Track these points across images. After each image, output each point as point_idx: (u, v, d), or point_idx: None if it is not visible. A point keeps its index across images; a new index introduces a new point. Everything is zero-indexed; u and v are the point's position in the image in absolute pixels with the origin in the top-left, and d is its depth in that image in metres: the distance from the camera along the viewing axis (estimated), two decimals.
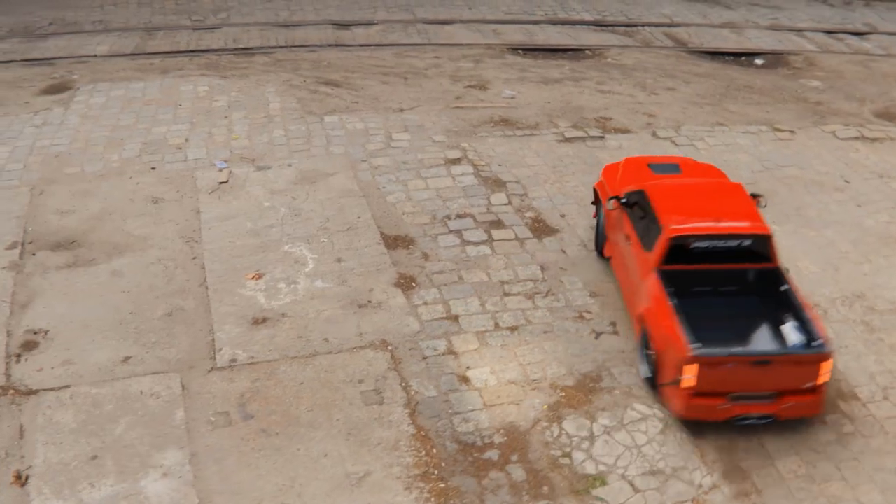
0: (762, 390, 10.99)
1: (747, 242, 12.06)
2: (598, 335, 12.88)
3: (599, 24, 23.38)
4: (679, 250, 12.04)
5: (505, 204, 15.68)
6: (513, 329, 12.95)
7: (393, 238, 14.81)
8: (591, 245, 14.53)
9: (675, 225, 12.08)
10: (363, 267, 14.17)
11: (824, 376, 10.92)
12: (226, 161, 17.02)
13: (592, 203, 14.69)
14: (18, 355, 12.58)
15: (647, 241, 12.38)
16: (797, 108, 18.93)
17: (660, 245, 12.05)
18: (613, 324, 13.02)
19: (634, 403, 11.74)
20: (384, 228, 15.03)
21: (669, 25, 23.28)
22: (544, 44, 21.85)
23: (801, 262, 14.31)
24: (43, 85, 20.09)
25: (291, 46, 21.88)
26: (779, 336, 11.39)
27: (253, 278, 14.05)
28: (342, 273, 14.04)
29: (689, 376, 10.81)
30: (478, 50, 21.64)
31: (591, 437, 11.28)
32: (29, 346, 12.78)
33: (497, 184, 16.18)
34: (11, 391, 11.93)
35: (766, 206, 13.35)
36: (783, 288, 11.77)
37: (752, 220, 12.18)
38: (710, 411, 11.06)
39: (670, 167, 14.33)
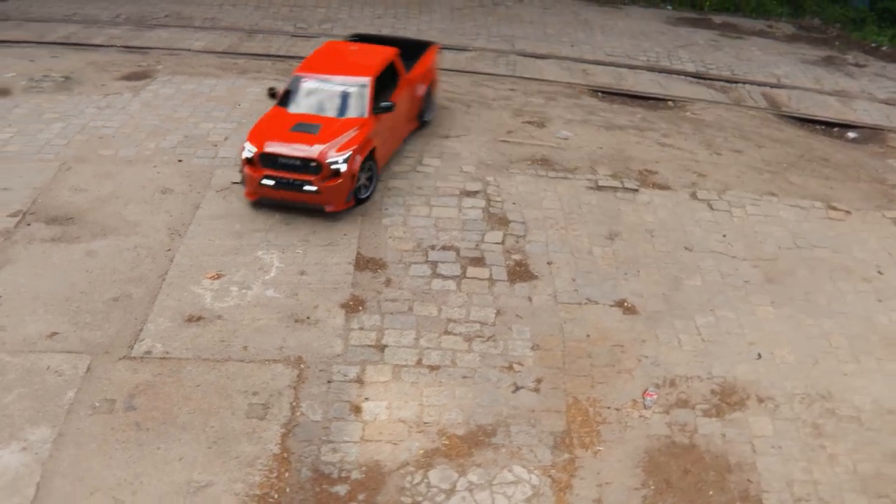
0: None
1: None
2: (516, 389, 12.15)
3: (698, 77, 22.24)
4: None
5: (497, 243, 15.08)
6: (433, 368, 12.40)
7: (367, 260, 14.50)
8: (563, 297, 13.79)
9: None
10: (321, 283, 13.93)
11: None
12: None
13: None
14: None
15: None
16: (867, 189, 17.33)
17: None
18: (539, 380, 12.27)
19: (515, 466, 10.98)
20: (363, 249, 14.74)
21: (773, 86, 21.87)
22: (628, 89, 20.97)
23: (779, 349, 13.06)
24: (127, 71, 20.91)
25: None
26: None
27: (212, 277, 14.05)
28: (298, 286, 13.85)
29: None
30: (557, 87, 21.00)
31: (451, 491, 10.61)
32: None
33: (501, 222, 15.58)
34: None
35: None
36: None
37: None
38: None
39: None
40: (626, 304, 13.77)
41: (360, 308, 13.47)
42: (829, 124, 19.94)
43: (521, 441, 11.33)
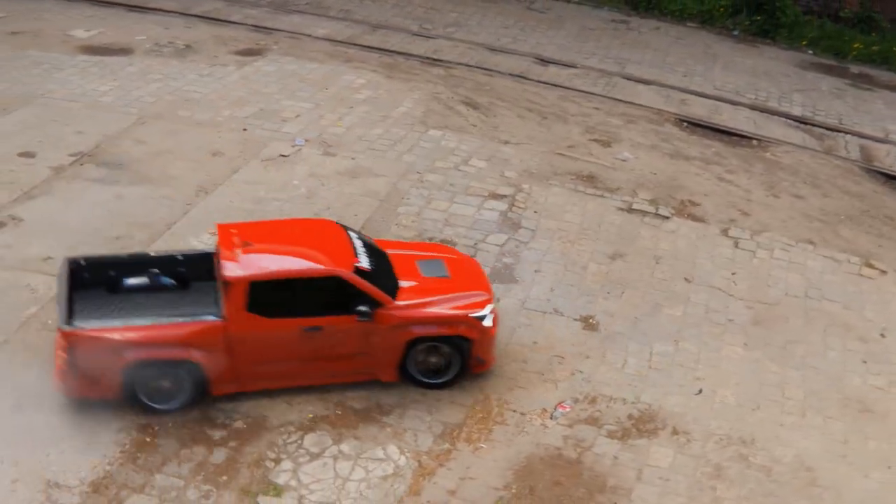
0: None
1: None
2: None
3: (800, 121, 21.35)
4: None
5: (498, 245, 15.24)
6: None
7: None
8: (532, 303, 13.83)
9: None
10: None
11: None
12: (306, 141, 17.97)
13: None
14: None
15: None
16: None
17: None
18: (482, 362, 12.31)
19: (390, 445, 11.20)
20: (366, 230, 15.22)
21: (876, 140, 20.71)
22: (716, 123, 20.45)
23: (725, 389, 12.62)
24: (242, 47, 22.30)
25: (473, 66, 22.33)
26: None
27: (213, 232, 14.90)
28: None
29: None
30: (643, 112, 20.76)
31: (317, 455, 10.97)
32: None
33: (512, 227, 15.72)
34: None
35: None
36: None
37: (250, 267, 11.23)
38: None
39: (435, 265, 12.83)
40: (591, 320, 13.62)
41: None
42: None
43: (410, 425, 11.49)
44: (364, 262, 11.61)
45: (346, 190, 16.36)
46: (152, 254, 12.55)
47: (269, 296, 11.05)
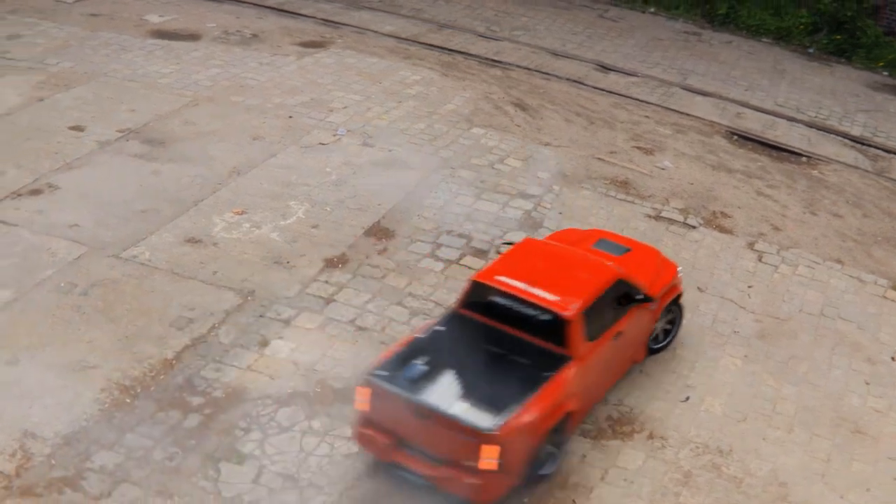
0: (424, 447, 10.16)
1: (545, 317, 10.99)
2: None
3: (857, 141, 20.81)
4: (480, 299, 11.33)
5: (511, 242, 15.24)
6: (360, 329, 12.98)
7: (380, 228, 15.25)
8: None
9: (485, 273, 11.42)
10: (324, 239, 14.85)
11: (486, 462, 9.78)
12: (347, 131, 18.33)
13: None
14: (19, 195, 15.17)
15: None
16: None
17: (465, 287, 11.51)
18: None
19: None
20: (386, 219, 15.49)
21: None
22: (767, 138, 20.09)
23: (714, 398, 12.44)
24: (306, 39, 22.81)
25: (531, 69, 22.39)
26: (487, 407, 10.27)
27: (236, 212, 15.37)
28: (302, 235, 14.86)
29: (361, 399, 10.37)
30: (694, 123, 20.53)
31: (286, 429, 11.25)
32: (35, 192, 15.37)
33: (533, 226, 15.78)
34: None
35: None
36: (545, 374, 10.62)
37: (566, 299, 11.02)
38: (376, 447, 10.49)
39: (617, 247, 13.21)
40: None
41: (340, 265, 14.24)
42: None
43: None
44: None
45: (376, 180, 16.61)
46: None
47: (591, 318, 11.10)
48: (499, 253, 13.69)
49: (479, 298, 11.33)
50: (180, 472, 10.40)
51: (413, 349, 10.68)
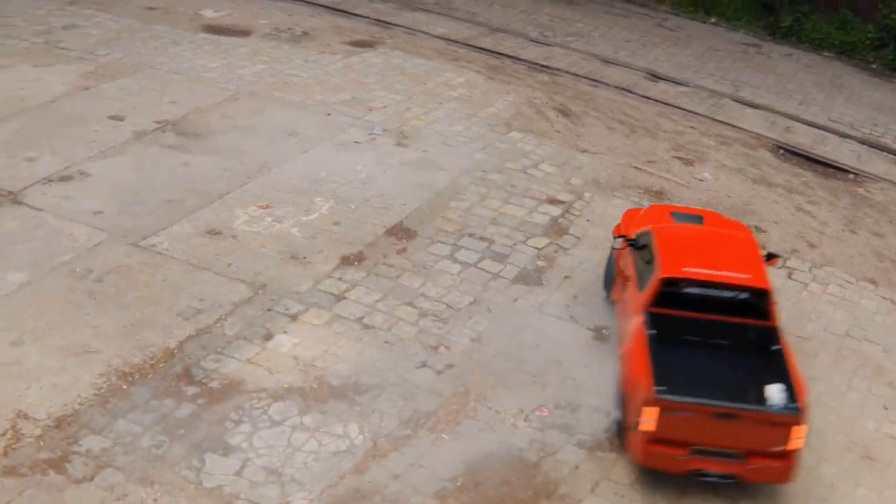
0: (726, 447, 10.25)
1: (743, 295, 11.23)
2: (422, 366, 12.42)
3: None
4: (671, 294, 11.35)
5: (539, 248, 15.13)
6: (367, 327, 12.94)
7: (402, 228, 15.19)
8: (548, 308, 13.69)
9: (670, 267, 11.42)
10: (344, 236, 14.84)
11: (796, 442, 10.13)
12: (384, 130, 18.32)
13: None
14: (50, 180, 15.44)
15: (642, 282, 11.82)
16: None
17: (651, 286, 11.44)
18: (450, 366, 12.40)
19: (352, 423, 11.34)
20: (409, 219, 15.42)
21: None
22: (813, 153, 19.58)
23: None
24: (356, 38, 22.89)
25: (580, 75, 22.15)
26: (758, 394, 10.41)
27: (260, 206, 15.45)
28: (322, 232, 14.86)
29: (649, 420, 10.23)
30: (740, 135, 20.09)
31: (277, 423, 11.20)
32: (65, 179, 15.63)
33: (558, 232, 15.58)
34: (10, 195, 14.82)
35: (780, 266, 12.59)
36: (774, 347, 10.87)
37: (753, 274, 11.33)
38: (669, 461, 10.42)
39: (693, 217, 13.41)
40: (603, 331, 13.32)
41: (356, 263, 14.20)
42: None
43: (380, 407, 11.55)
44: None
45: (405, 179, 16.56)
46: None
47: None
48: (613, 250, 13.28)
49: (672, 292, 11.34)
50: (164, 461, 10.41)
51: (657, 361, 10.52)
